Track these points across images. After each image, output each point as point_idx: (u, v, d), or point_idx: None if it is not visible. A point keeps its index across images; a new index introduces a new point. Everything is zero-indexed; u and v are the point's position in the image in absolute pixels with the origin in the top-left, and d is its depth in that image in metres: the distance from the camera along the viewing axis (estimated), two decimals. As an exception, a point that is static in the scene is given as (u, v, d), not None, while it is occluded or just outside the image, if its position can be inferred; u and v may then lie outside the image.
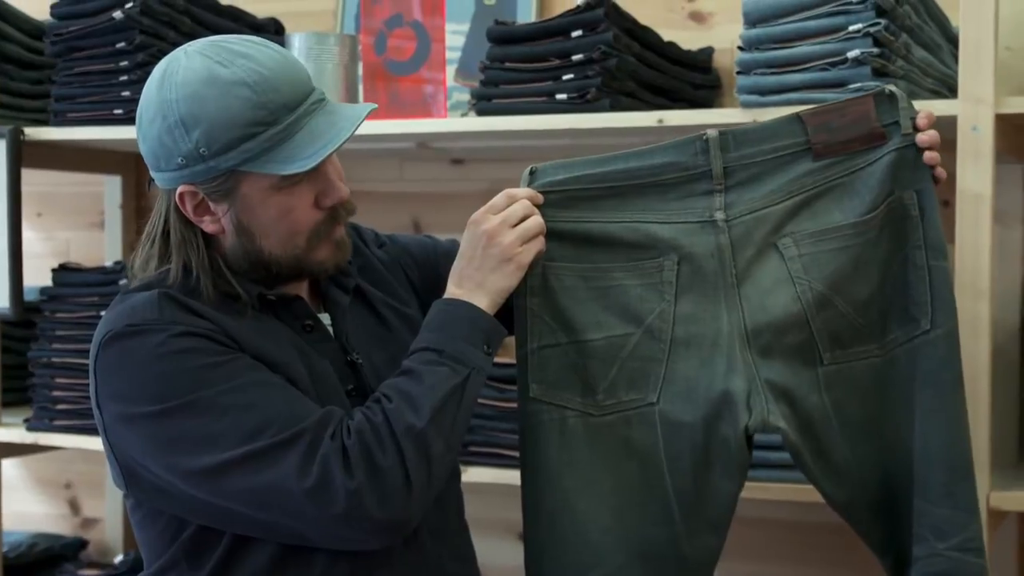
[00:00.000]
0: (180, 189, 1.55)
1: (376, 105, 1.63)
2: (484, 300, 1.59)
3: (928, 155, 1.62)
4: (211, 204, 1.56)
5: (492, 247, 1.59)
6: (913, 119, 1.62)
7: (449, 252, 1.75)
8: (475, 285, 1.59)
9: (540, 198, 1.65)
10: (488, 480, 2.19)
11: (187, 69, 1.51)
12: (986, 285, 1.86)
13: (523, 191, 1.66)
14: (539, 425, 1.64)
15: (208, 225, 1.58)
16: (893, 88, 1.63)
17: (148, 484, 1.55)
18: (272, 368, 1.54)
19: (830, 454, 1.63)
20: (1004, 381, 2.17)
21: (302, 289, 1.68)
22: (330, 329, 1.67)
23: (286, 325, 1.62)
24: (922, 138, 1.62)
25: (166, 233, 1.59)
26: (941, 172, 1.64)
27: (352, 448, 1.47)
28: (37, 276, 2.84)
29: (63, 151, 2.69)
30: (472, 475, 2.17)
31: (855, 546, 2.37)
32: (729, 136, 1.63)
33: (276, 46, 1.57)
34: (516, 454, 1.69)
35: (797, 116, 1.64)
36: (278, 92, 1.50)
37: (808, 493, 1.93)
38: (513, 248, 1.59)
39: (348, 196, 1.61)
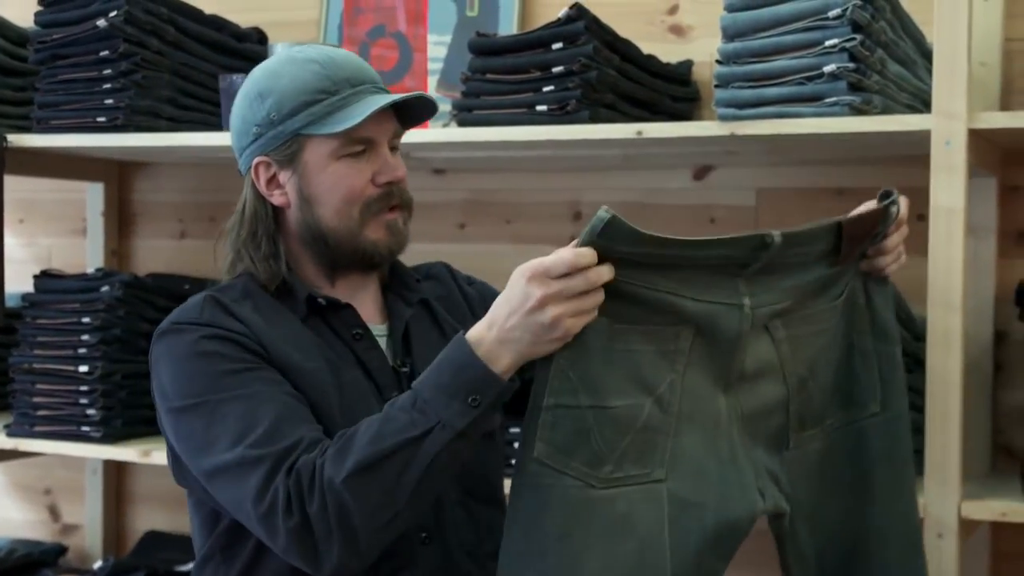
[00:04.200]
0: (255, 160, 1.67)
1: (425, 93, 1.71)
2: (507, 359, 1.44)
3: (888, 242, 1.65)
4: (280, 175, 1.67)
5: (540, 314, 1.40)
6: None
7: None
8: (505, 341, 1.43)
9: (609, 275, 1.41)
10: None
11: (272, 57, 1.74)
12: (958, 298, 1.89)
13: (592, 259, 1.39)
14: (535, 488, 1.44)
15: (277, 198, 1.68)
16: (899, 201, 1.64)
17: (188, 473, 1.63)
18: (296, 375, 1.60)
19: (796, 538, 1.62)
20: (976, 393, 2.19)
21: (367, 293, 1.74)
22: (381, 340, 1.71)
23: (333, 331, 1.68)
24: (888, 245, 1.66)
25: (243, 211, 1.72)
26: (886, 265, 1.66)
27: (292, 489, 1.47)
28: (19, 282, 2.84)
29: (46, 158, 2.70)
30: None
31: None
32: (788, 238, 1.54)
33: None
34: None
35: (839, 224, 1.59)
36: (343, 69, 1.66)
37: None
38: (562, 322, 1.40)
39: (404, 176, 1.69)
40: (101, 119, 2.47)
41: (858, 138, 1.99)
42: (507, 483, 1.50)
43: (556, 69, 2.15)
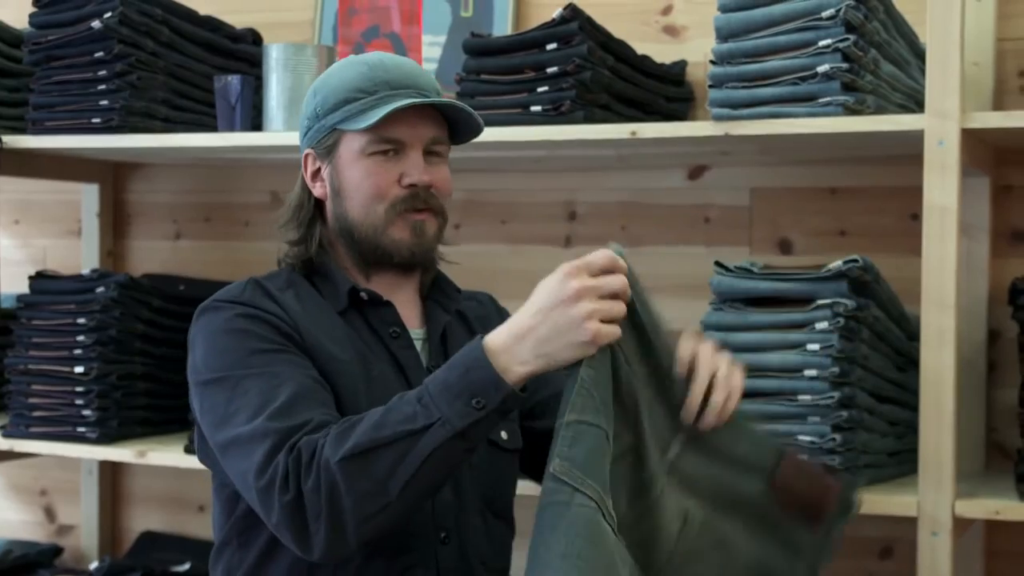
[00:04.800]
0: (304, 152, 1.75)
1: (480, 120, 1.75)
2: (530, 364, 1.43)
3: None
4: (322, 168, 1.73)
5: (574, 307, 1.40)
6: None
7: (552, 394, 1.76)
8: (528, 340, 1.43)
9: (627, 293, 1.46)
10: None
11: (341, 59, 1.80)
12: (952, 297, 1.89)
13: (625, 266, 1.47)
14: (550, 505, 1.41)
15: (318, 190, 1.75)
16: (857, 501, 1.63)
17: (209, 451, 1.66)
18: (327, 363, 1.63)
19: None
20: (970, 392, 2.20)
21: (404, 295, 1.76)
22: (417, 343, 1.74)
23: (370, 326, 1.71)
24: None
25: (295, 199, 1.78)
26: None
27: (291, 465, 1.49)
28: (14, 283, 2.85)
29: (41, 159, 2.69)
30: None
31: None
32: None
33: (417, 63, 1.78)
34: None
35: (781, 451, 1.60)
36: (387, 72, 1.70)
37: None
38: (594, 320, 1.40)
39: (428, 183, 1.70)
40: (96, 120, 2.47)
41: (852, 138, 2.00)
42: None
43: (550, 69, 2.16)
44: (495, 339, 1.46)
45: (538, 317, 1.43)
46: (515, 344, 1.44)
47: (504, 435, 1.74)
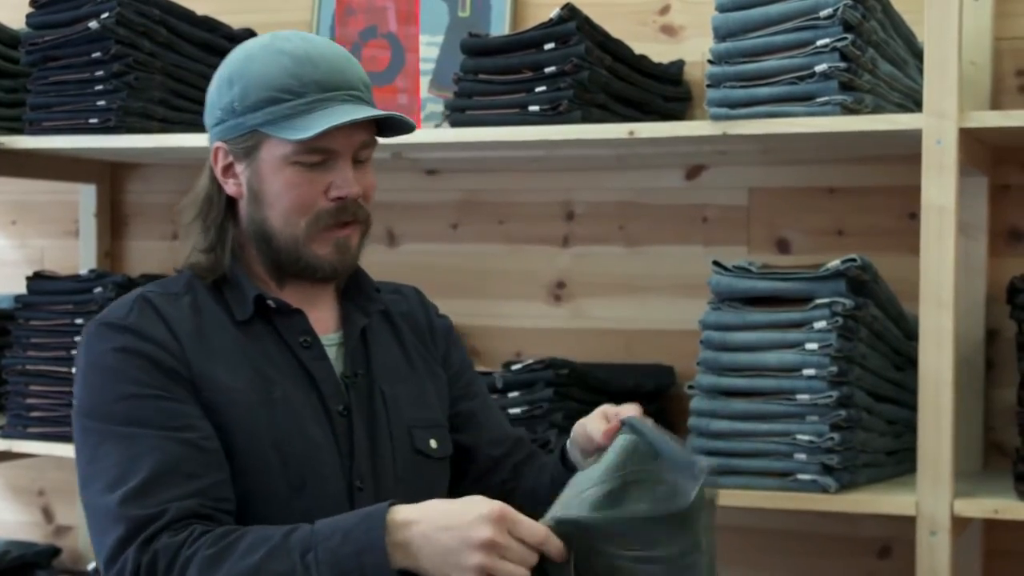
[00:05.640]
0: (216, 144, 1.62)
1: (412, 122, 1.64)
2: (413, 564, 1.38)
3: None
4: (236, 165, 1.61)
5: (470, 554, 1.35)
6: None
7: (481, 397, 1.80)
8: (424, 549, 1.37)
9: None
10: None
11: (256, 37, 1.66)
12: (950, 296, 1.89)
13: (558, 552, 1.38)
14: None
15: (231, 187, 1.62)
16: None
17: None
18: (217, 392, 1.53)
19: None
20: (968, 391, 2.20)
21: (320, 299, 1.66)
22: (332, 349, 1.64)
23: (278, 335, 1.61)
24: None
25: (201, 192, 1.66)
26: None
27: (144, 566, 1.41)
28: (11, 284, 2.84)
29: (38, 159, 2.69)
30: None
31: (820, 553, 2.40)
32: None
33: (343, 49, 1.64)
34: None
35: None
36: (315, 68, 1.57)
37: (774, 500, 1.97)
38: (471, 555, 1.35)
39: (358, 194, 1.59)
40: (93, 120, 2.47)
41: (849, 137, 2.00)
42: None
43: (548, 69, 2.16)
44: (397, 531, 1.38)
45: (441, 535, 1.36)
46: (411, 544, 1.37)
47: (433, 443, 1.68)
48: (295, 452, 1.54)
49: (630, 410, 1.56)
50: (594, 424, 1.58)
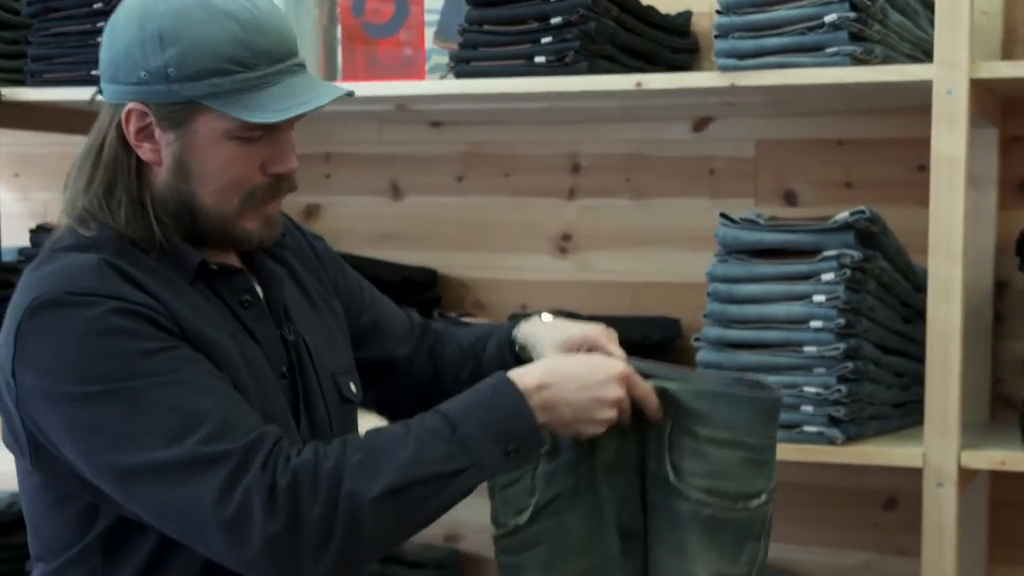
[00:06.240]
0: (129, 106, 1.45)
1: (352, 90, 1.52)
2: (546, 420, 1.45)
3: None
4: (157, 131, 1.46)
5: (602, 410, 1.48)
6: None
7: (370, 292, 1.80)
8: (557, 408, 1.46)
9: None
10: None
11: None
12: (959, 248, 1.88)
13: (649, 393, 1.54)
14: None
15: (146, 152, 1.47)
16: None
17: (59, 465, 1.43)
18: (212, 352, 1.43)
19: None
20: (976, 342, 2.20)
21: (231, 258, 1.56)
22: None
23: (220, 298, 1.51)
24: None
25: (101, 148, 1.50)
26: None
27: (282, 488, 1.33)
28: (14, 237, 2.83)
29: (40, 112, 2.67)
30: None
31: (826, 504, 2.41)
32: None
33: (279, 7, 1.53)
34: None
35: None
36: (265, 37, 1.44)
37: (780, 451, 1.96)
38: (606, 424, 1.49)
39: (297, 169, 1.52)
40: (95, 72, 2.43)
41: (859, 88, 1.98)
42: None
43: (554, 20, 2.13)
44: (529, 386, 1.44)
45: (576, 395, 1.47)
46: (547, 405, 1.45)
47: (353, 387, 1.65)
48: (269, 416, 1.46)
49: (603, 344, 1.61)
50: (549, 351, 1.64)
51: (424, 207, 2.70)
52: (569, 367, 1.49)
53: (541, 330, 1.71)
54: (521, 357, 1.72)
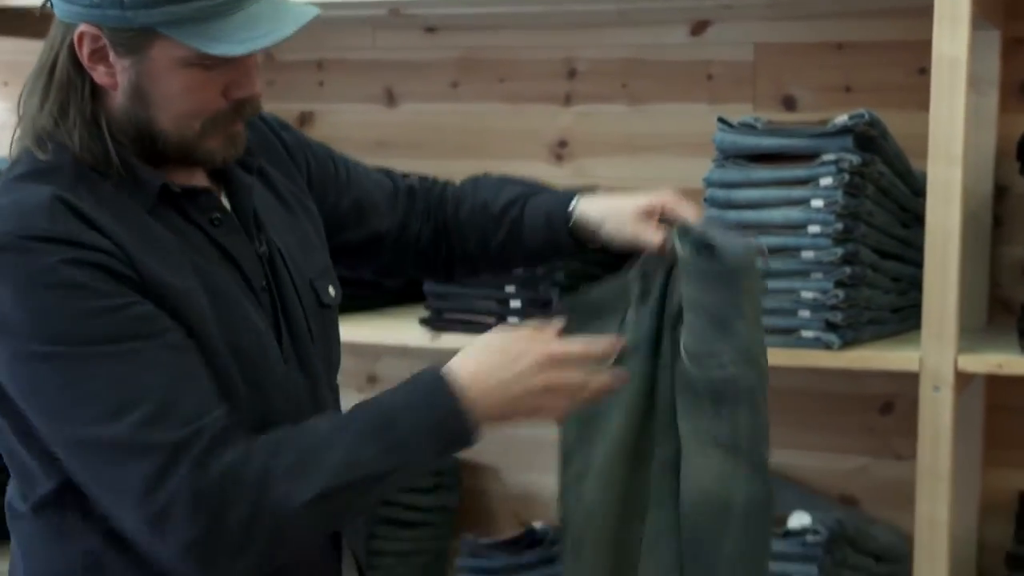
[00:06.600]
0: (82, 28, 1.38)
1: (319, 11, 1.43)
2: (492, 420, 1.41)
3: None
4: (111, 55, 1.39)
5: (540, 398, 1.43)
6: None
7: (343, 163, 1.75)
8: (495, 398, 1.41)
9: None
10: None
11: None
12: (959, 151, 1.86)
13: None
14: None
15: (101, 76, 1.40)
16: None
17: (16, 407, 1.37)
18: (172, 298, 1.36)
19: None
20: (975, 246, 2.19)
21: (197, 175, 1.50)
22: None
23: (190, 220, 1.45)
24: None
25: (53, 68, 1.42)
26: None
27: (207, 492, 1.29)
28: (4, 146, 2.80)
29: (30, 18, 2.62)
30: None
31: (823, 410, 2.42)
32: None
33: None
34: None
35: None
36: None
37: (777, 356, 1.96)
38: (542, 399, 1.43)
39: (261, 94, 1.46)
40: (83, -23, 2.40)
41: (860, -12, 1.95)
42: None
43: (550, -80, 2.10)
44: (467, 389, 1.39)
45: (505, 389, 1.41)
46: (479, 402, 1.39)
47: (331, 291, 1.61)
48: (244, 346, 1.43)
49: (674, 206, 1.65)
50: (637, 227, 1.65)
51: (419, 114, 2.68)
52: (492, 359, 1.42)
53: (606, 204, 1.70)
54: (575, 235, 1.71)
